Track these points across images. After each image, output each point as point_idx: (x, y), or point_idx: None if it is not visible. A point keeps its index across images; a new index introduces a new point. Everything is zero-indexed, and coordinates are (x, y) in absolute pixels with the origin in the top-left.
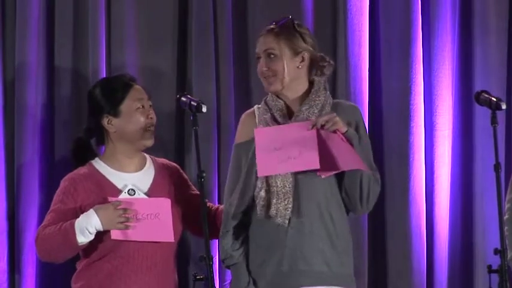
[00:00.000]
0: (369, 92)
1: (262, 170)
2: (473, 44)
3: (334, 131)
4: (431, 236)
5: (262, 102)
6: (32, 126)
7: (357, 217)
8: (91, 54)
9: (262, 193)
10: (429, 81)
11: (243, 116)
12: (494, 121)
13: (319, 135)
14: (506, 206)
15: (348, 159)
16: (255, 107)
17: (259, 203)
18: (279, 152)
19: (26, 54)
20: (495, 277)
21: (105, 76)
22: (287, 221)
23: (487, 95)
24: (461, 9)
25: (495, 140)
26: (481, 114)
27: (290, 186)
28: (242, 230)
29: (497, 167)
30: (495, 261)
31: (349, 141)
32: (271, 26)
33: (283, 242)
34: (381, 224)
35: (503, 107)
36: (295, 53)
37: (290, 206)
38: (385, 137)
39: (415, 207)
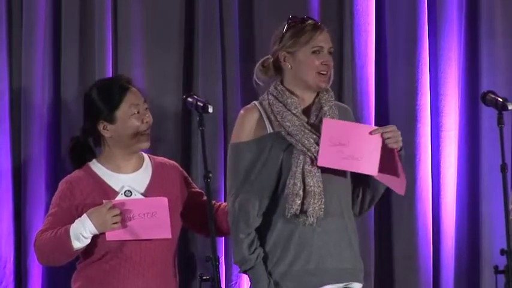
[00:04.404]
0: (375, 93)
1: (323, 161)
2: (479, 44)
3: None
4: (438, 236)
5: (271, 98)
6: (39, 127)
7: (363, 217)
8: (97, 55)
9: (301, 192)
10: (435, 81)
11: (244, 112)
12: (500, 122)
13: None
14: (511, 206)
15: (396, 178)
16: (256, 103)
17: (295, 201)
18: (344, 148)
19: (32, 55)
20: (501, 278)
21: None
22: (316, 220)
23: (493, 96)
24: (468, 9)
25: (501, 141)
26: (487, 114)
27: (321, 186)
28: (256, 230)
29: (503, 167)
30: (501, 262)
31: (400, 157)
32: (318, 23)
33: (310, 240)
34: (387, 225)
35: (510, 107)
36: None
37: (323, 206)
38: None
39: (422, 207)
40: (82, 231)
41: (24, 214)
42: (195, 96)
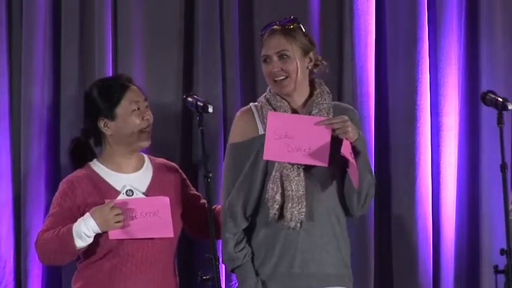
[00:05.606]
0: (375, 93)
1: (269, 154)
2: (479, 44)
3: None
4: (438, 236)
5: (263, 100)
6: (39, 128)
7: (363, 217)
8: (97, 55)
9: (278, 197)
10: (435, 81)
11: (239, 114)
12: (500, 121)
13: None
14: (511, 206)
15: (352, 170)
16: (251, 105)
17: (273, 206)
18: (290, 141)
19: (32, 56)
20: (501, 278)
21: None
22: (299, 225)
23: (493, 95)
24: (467, 9)
25: (501, 140)
26: (487, 114)
27: (303, 190)
28: (243, 231)
29: (503, 167)
30: (501, 262)
31: (355, 149)
32: (277, 27)
33: (294, 244)
34: (387, 225)
35: (510, 107)
36: (305, 53)
37: (304, 210)
38: (392, 137)
39: (421, 207)
40: (85, 230)
41: (24, 214)
42: (195, 96)
